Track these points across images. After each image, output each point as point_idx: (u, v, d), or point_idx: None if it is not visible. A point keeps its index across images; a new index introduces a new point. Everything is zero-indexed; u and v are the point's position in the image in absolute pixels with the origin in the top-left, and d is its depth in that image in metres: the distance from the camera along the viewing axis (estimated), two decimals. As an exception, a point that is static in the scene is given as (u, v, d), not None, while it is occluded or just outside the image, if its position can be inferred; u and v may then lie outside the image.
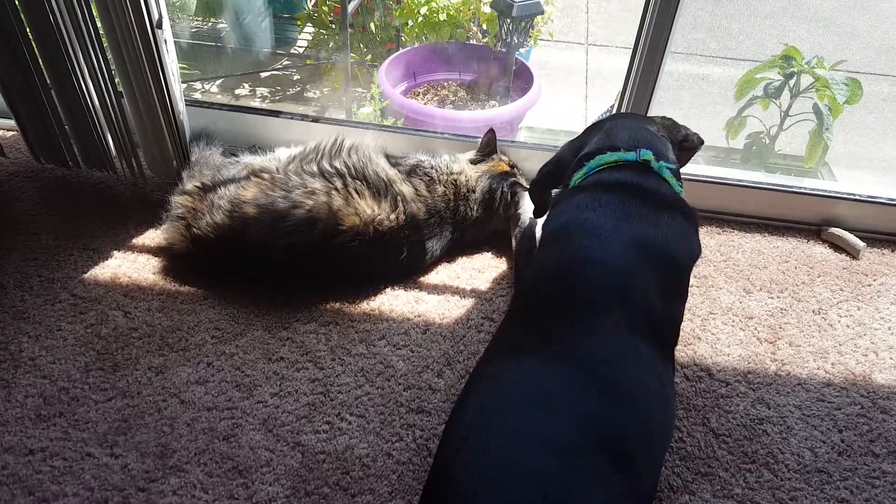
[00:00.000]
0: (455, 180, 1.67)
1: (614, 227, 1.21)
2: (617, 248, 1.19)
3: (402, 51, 2.82)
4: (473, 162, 1.75)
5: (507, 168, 1.75)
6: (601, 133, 1.42)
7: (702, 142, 1.51)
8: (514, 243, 1.70)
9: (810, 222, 1.87)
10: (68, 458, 1.22)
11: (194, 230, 1.51)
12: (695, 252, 1.28)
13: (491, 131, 1.77)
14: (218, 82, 3.13)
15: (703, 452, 1.30)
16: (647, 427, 1.04)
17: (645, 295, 1.14)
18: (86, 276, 1.58)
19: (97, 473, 1.20)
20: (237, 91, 3.09)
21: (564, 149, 1.51)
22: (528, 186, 1.75)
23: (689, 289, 1.64)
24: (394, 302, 1.57)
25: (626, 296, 1.13)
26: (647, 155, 1.32)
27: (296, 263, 1.50)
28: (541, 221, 1.69)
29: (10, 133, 2.02)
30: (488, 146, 1.77)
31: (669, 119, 1.55)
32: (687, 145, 1.50)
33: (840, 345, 1.54)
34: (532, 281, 1.28)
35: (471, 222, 1.68)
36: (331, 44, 3.04)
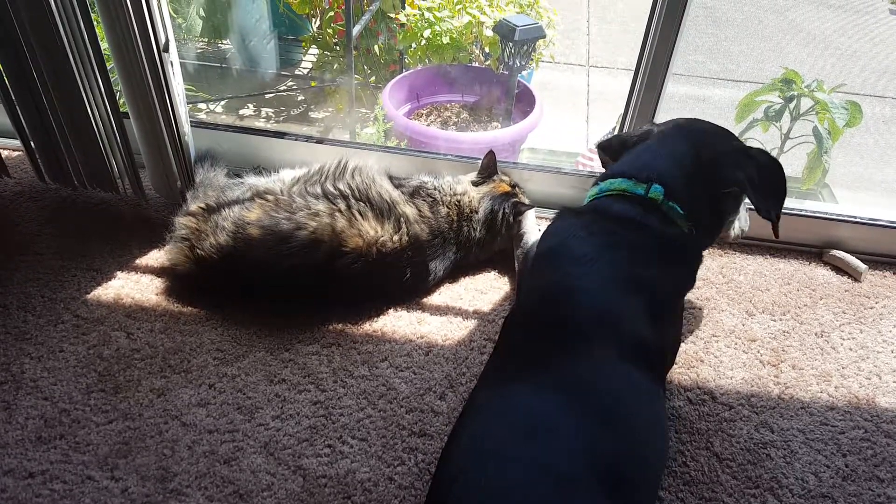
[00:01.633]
0: (458, 201, 1.68)
1: (602, 258, 1.19)
2: (603, 279, 1.17)
3: (405, 73, 2.86)
4: (475, 184, 1.76)
5: (508, 188, 1.75)
6: (636, 151, 1.37)
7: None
8: (517, 264, 1.71)
9: (812, 244, 1.87)
10: (68, 482, 1.21)
11: (198, 251, 1.51)
12: (686, 287, 1.27)
13: (490, 153, 1.78)
14: (223, 103, 3.16)
15: (706, 477, 1.29)
16: (641, 452, 1.04)
17: (633, 324, 1.13)
18: (89, 296, 1.58)
19: (97, 497, 1.19)
20: (242, 112, 3.12)
21: (632, 134, 1.46)
22: (530, 205, 1.75)
23: (692, 311, 1.65)
24: (396, 323, 1.57)
25: (614, 325, 1.12)
26: (657, 193, 1.26)
27: (299, 285, 1.50)
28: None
29: (16, 153, 2.04)
30: (489, 168, 1.78)
31: (751, 150, 1.34)
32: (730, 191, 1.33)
33: (843, 368, 1.54)
34: (523, 305, 1.27)
35: (474, 243, 1.69)
36: (335, 65, 3.08)
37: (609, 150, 1.50)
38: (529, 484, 0.94)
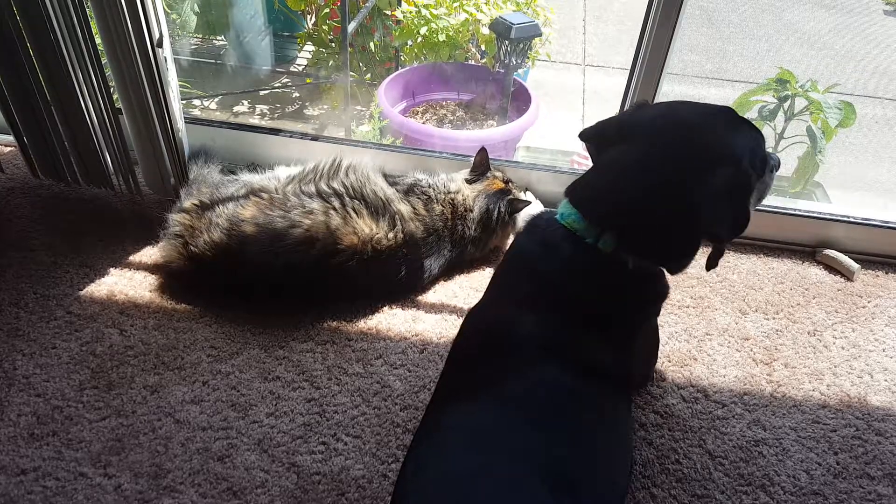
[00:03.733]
0: (452, 199, 1.68)
1: (554, 285, 1.14)
2: (552, 307, 1.12)
3: (401, 70, 2.85)
4: (468, 181, 1.75)
5: (502, 185, 1.75)
6: (610, 160, 1.14)
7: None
8: None
9: (805, 244, 1.88)
10: (61, 479, 1.21)
11: (191, 248, 1.51)
12: (644, 317, 1.21)
13: (482, 150, 1.77)
14: (217, 100, 3.14)
15: (699, 474, 1.29)
16: (591, 456, 1.05)
17: (583, 348, 1.10)
18: (82, 293, 1.57)
19: (90, 494, 1.19)
20: (236, 108, 3.11)
21: (611, 125, 1.19)
22: (526, 201, 1.75)
23: (685, 309, 1.65)
24: (391, 321, 1.57)
25: (561, 348, 1.09)
26: (607, 246, 1.09)
27: (293, 282, 1.50)
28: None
29: (9, 149, 2.03)
30: (481, 165, 1.77)
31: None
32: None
33: (835, 367, 1.55)
34: (478, 315, 1.24)
35: (469, 241, 1.69)
36: (330, 62, 3.07)
37: (596, 140, 1.23)
38: (473, 489, 0.95)
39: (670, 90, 1.78)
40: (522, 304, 1.15)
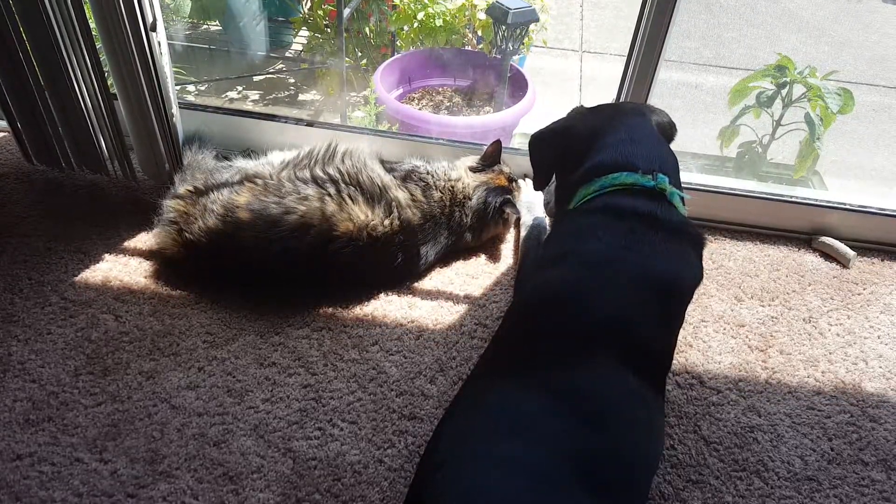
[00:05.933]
0: (452, 187, 1.67)
1: (620, 258, 1.16)
2: (620, 280, 1.14)
3: (397, 56, 2.83)
4: (474, 170, 1.75)
5: (505, 183, 1.74)
6: (619, 140, 1.31)
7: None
8: (519, 248, 1.70)
9: (801, 231, 1.88)
10: (57, 464, 1.21)
11: (186, 234, 1.50)
12: (698, 280, 1.24)
13: (497, 142, 1.76)
14: (211, 85, 3.12)
15: (694, 460, 1.30)
16: (630, 457, 1.03)
17: (642, 329, 1.11)
18: (76, 279, 1.57)
19: (86, 479, 1.19)
20: (230, 94, 3.08)
21: (577, 120, 1.41)
22: (520, 211, 1.74)
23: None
24: (387, 307, 1.56)
25: (623, 331, 1.10)
26: (664, 183, 1.24)
27: (289, 269, 1.50)
28: (540, 224, 1.70)
29: (2, 134, 2.01)
30: (492, 157, 1.76)
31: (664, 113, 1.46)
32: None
33: (830, 353, 1.55)
34: (527, 303, 1.24)
35: (466, 228, 1.68)
36: (326, 48, 3.04)
37: (555, 139, 1.42)
38: (507, 480, 0.93)
39: (667, 77, 1.77)
40: (590, 279, 1.15)
